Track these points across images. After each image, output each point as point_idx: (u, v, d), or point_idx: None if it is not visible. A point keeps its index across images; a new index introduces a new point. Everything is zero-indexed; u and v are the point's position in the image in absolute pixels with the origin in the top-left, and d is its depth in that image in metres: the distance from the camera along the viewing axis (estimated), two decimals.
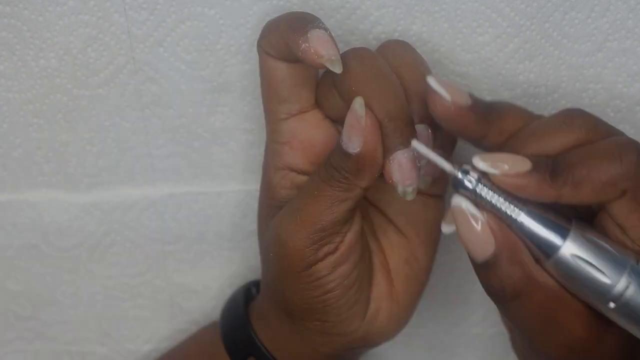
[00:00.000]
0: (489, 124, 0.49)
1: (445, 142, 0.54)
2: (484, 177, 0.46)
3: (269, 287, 0.56)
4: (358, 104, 0.49)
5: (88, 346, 0.69)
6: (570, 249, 0.46)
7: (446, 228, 0.49)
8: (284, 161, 0.54)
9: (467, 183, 0.46)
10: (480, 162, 0.46)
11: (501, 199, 0.46)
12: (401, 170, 0.50)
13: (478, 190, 0.46)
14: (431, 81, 0.49)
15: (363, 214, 0.56)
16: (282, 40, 0.51)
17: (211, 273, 0.66)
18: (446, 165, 0.47)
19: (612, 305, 0.46)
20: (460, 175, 0.46)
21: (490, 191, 0.46)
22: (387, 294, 0.56)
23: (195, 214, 0.64)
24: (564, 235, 0.46)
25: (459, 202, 0.47)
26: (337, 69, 0.49)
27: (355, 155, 0.49)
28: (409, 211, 0.56)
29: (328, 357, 0.56)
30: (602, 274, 0.45)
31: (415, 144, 0.49)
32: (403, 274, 0.56)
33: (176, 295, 0.67)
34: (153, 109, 0.61)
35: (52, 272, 0.66)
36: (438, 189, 0.56)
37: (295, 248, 0.52)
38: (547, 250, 0.46)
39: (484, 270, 0.47)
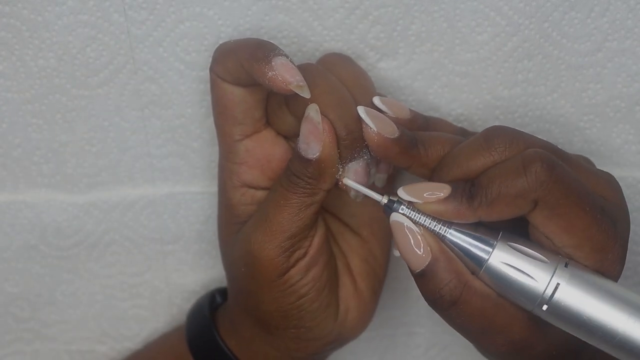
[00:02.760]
0: (412, 158, 0.51)
1: None
2: (410, 204, 0.50)
3: (241, 301, 0.57)
4: (313, 110, 0.51)
5: (87, 345, 0.69)
6: (498, 257, 0.49)
7: (397, 253, 0.52)
8: (242, 180, 0.56)
9: (397, 209, 0.50)
10: (404, 194, 0.50)
11: (429, 220, 0.50)
12: (356, 176, 0.52)
13: (407, 214, 0.50)
14: (360, 110, 0.51)
15: None
16: (240, 67, 0.52)
17: (210, 273, 0.66)
18: (376, 197, 0.51)
19: (545, 307, 0.48)
20: (389, 203, 0.51)
21: (418, 214, 0.50)
22: (353, 293, 0.58)
23: (194, 214, 0.64)
24: (490, 246, 0.49)
25: (397, 218, 0.50)
26: (306, 93, 0.51)
27: (316, 160, 0.51)
28: (361, 213, 0.59)
29: None
30: (531, 277, 0.48)
31: (347, 182, 0.52)
32: (364, 272, 0.59)
33: (175, 296, 0.67)
34: (152, 109, 0.61)
35: (51, 272, 0.66)
36: (386, 189, 0.58)
37: (268, 258, 0.53)
38: (477, 262, 0.49)
39: (422, 279, 0.50)
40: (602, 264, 0.49)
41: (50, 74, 0.59)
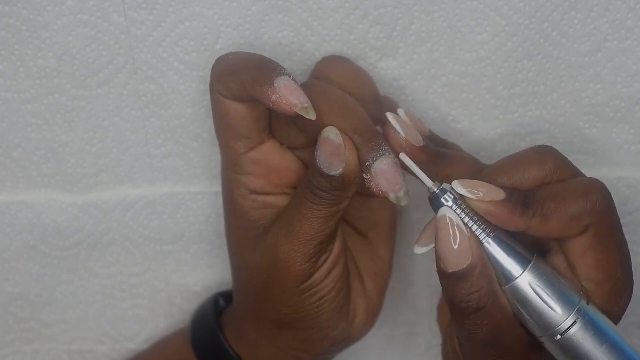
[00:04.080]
0: (438, 167, 0.51)
1: None
2: (460, 198, 0.49)
3: (254, 305, 0.57)
4: (333, 133, 0.50)
5: (87, 345, 0.69)
6: (528, 278, 0.49)
7: (420, 250, 0.51)
8: (250, 189, 0.55)
9: (444, 202, 0.49)
10: (460, 187, 0.49)
11: (472, 221, 0.49)
12: (387, 178, 0.51)
13: (453, 209, 0.49)
14: (389, 116, 0.51)
15: None
16: (242, 87, 0.52)
17: (210, 273, 0.66)
18: (428, 182, 0.49)
19: (558, 337, 0.48)
20: (439, 193, 0.49)
21: (463, 212, 0.49)
22: (362, 293, 0.58)
23: (194, 214, 0.64)
24: (525, 264, 0.49)
25: (447, 212, 0.49)
26: (312, 115, 0.50)
27: (340, 175, 0.51)
28: (367, 215, 0.59)
29: None
30: (553, 307, 0.48)
31: (403, 157, 0.50)
32: (371, 272, 0.59)
33: (175, 296, 0.67)
34: (152, 109, 0.61)
35: (51, 272, 0.66)
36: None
37: (296, 267, 0.53)
38: (507, 275, 0.49)
39: (453, 280, 0.49)
40: (613, 307, 0.50)
41: (50, 74, 0.59)
